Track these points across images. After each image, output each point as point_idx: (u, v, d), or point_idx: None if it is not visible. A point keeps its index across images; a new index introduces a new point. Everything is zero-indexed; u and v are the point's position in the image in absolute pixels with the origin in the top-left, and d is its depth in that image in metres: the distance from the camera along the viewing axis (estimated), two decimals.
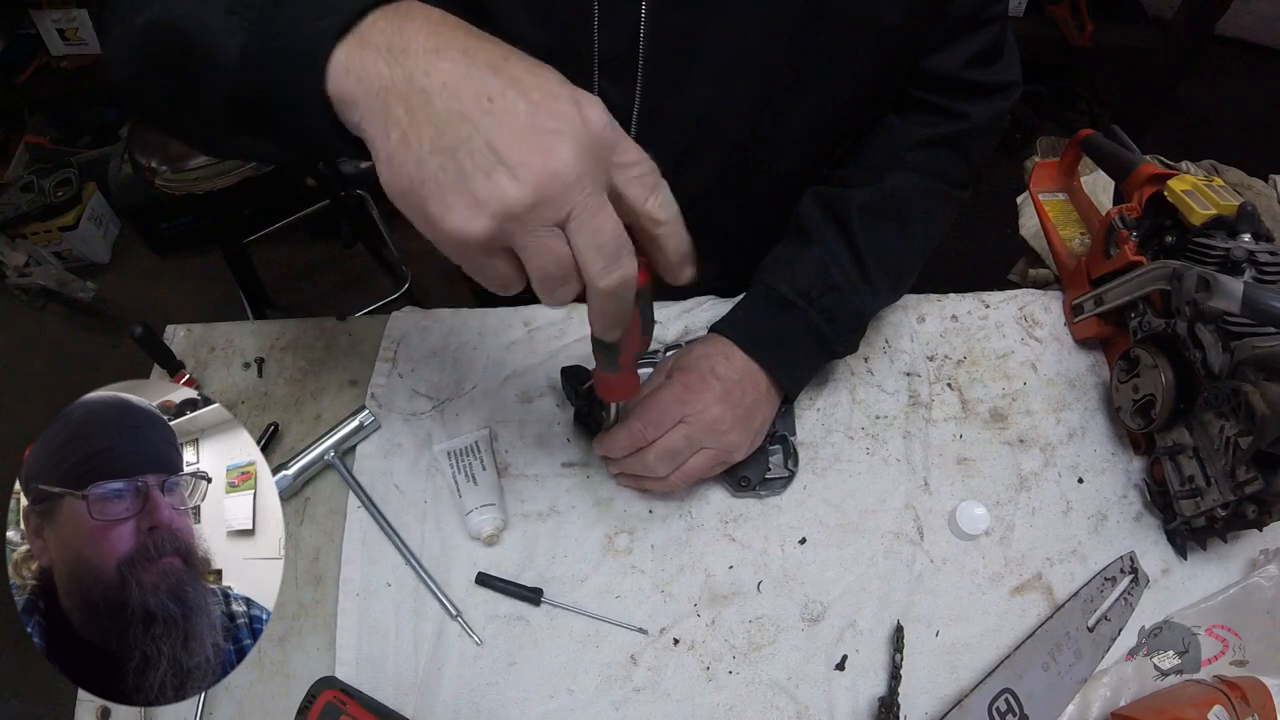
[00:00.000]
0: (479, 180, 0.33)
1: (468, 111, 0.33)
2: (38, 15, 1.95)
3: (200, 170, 1.41)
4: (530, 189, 0.33)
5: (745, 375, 0.62)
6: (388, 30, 0.35)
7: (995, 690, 0.55)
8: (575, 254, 0.35)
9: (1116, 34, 2.08)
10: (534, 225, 0.34)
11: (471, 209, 0.34)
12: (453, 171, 0.33)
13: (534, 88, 0.34)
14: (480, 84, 0.34)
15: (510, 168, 0.33)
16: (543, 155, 0.33)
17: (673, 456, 0.60)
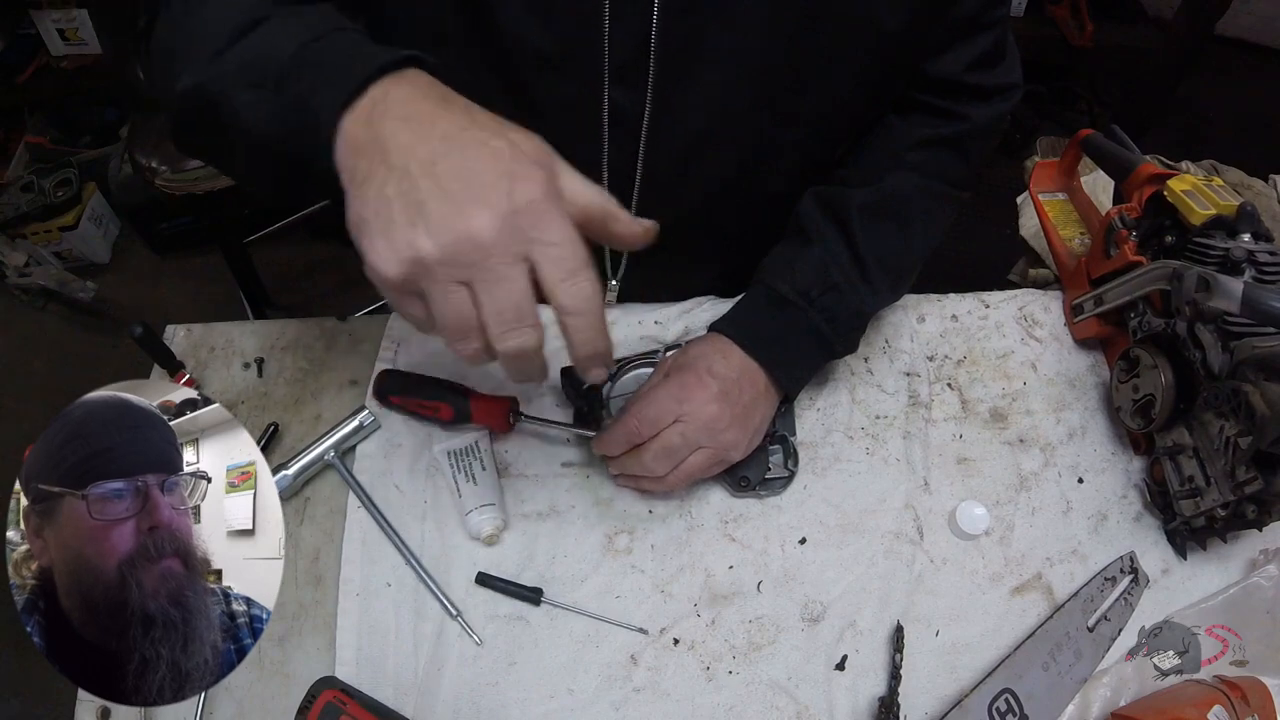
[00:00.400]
0: (401, 229, 0.37)
1: (412, 171, 0.38)
2: (38, 15, 1.95)
3: (200, 170, 1.41)
4: (439, 246, 0.36)
5: (743, 374, 0.62)
6: (376, 98, 0.41)
7: (995, 690, 0.55)
8: (478, 313, 0.38)
9: (1116, 34, 2.09)
10: (440, 279, 0.37)
11: (388, 252, 0.38)
12: (384, 218, 0.38)
13: (477, 157, 0.38)
14: (430, 149, 0.38)
15: (429, 224, 0.37)
16: (461, 218, 0.36)
17: (670, 455, 0.60)
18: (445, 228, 0.36)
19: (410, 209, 0.37)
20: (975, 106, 0.67)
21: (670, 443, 0.59)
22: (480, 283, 0.37)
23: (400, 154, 0.38)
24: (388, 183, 0.38)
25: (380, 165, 0.39)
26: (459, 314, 0.38)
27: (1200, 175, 0.68)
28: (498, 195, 0.37)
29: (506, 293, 0.37)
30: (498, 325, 0.38)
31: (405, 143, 0.39)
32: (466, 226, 0.36)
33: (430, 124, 0.39)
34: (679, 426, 0.59)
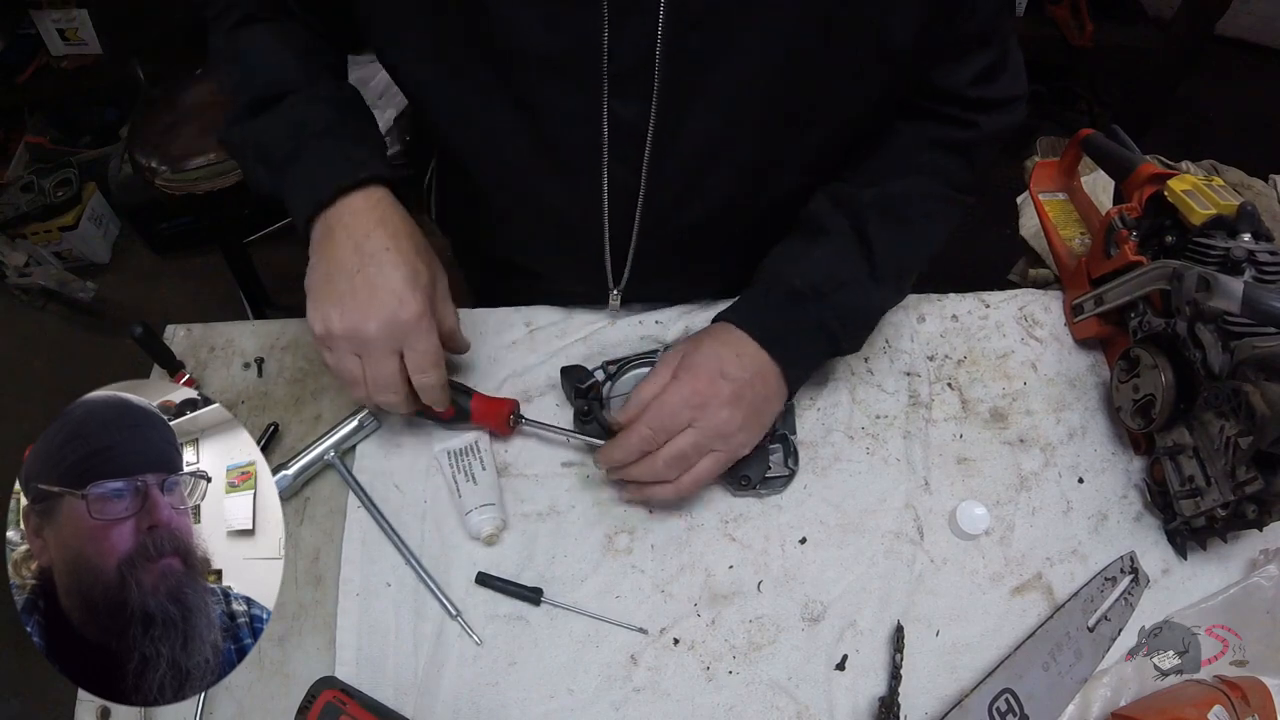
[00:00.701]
0: (325, 306, 0.56)
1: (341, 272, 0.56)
2: (38, 15, 1.95)
3: (200, 170, 1.41)
4: (343, 329, 0.56)
5: (756, 373, 0.61)
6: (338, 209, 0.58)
7: (995, 690, 0.55)
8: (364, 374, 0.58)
9: (1116, 34, 2.09)
10: (340, 348, 0.57)
11: (316, 316, 0.57)
12: (320, 293, 0.57)
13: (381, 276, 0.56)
14: (354, 261, 0.56)
15: (341, 312, 0.56)
16: (360, 317, 0.56)
17: (681, 460, 0.59)
18: (349, 318, 0.56)
19: (334, 296, 0.56)
20: (982, 116, 0.67)
21: (682, 449, 0.59)
22: (366, 358, 0.57)
23: (337, 255, 0.57)
24: (328, 272, 0.57)
25: (326, 257, 0.57)
26: (350, 371, 0.58)
27: (1200, 175, 0.68)
28: (388, 310, 0.55)
29: (380, 370, 0.57)
30: (374, 387, 0.58)
31: (337, 253, 0.57)
32: (362, 324, 0.55)
33: (365, 239, 0.57)
34: (691, 433, 0.59)
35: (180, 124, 1.44)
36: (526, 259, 0.79)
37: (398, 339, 0.56)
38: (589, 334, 0.74)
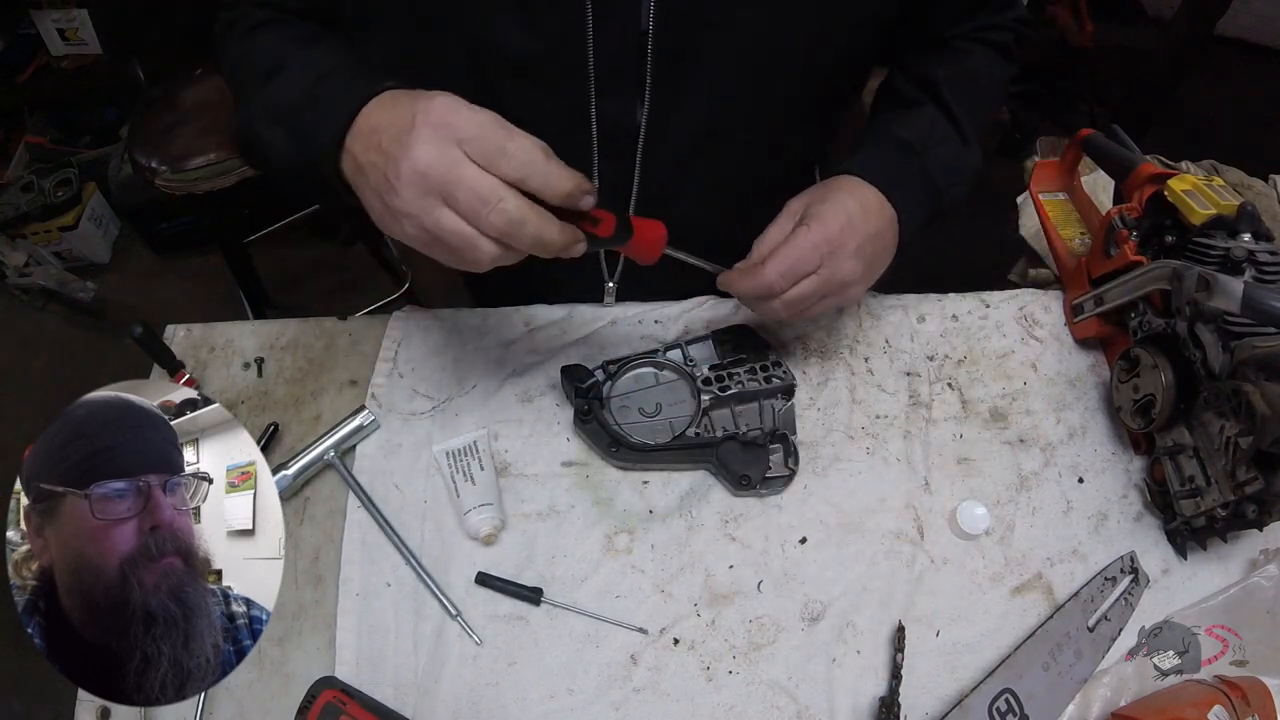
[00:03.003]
0: (388, 200, 0.47)
1: (372, 161, 0.48)
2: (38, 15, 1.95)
3: (200, 170, 1.41)
4: (403, 188, 0.45)
5: (881, 228, 0.62)
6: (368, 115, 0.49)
7: (995, 690, 0.55)
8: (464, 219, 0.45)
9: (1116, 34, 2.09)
10: (425, 213, 0.45)
11: (395, 221, 0.47)
12: (380, 202, 0.48)
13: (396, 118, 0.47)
14: (374, 138, 0.48)
15: (392, 183, 0.46)
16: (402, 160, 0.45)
17: (799, 304, 0.60)
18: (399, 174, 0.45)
19: (381, 183, 0.47)
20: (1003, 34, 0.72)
21: (804, 293, 0.59)
22: (446, 196, 0.45)
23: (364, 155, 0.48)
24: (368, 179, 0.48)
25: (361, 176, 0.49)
26: (450, 230, 0.45)
27: (1200, 175, 0.68)
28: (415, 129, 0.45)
29: (464, 188, 0.44)
30: (475, 218, 0.44)
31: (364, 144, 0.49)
32: (407, 166, 0.45)
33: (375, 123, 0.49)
34: (815, 280, 0.59)
35: (180, 124, 1.44)
36: None
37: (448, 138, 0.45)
38: (589, 334, 0.74)
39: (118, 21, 1.99)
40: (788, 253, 0.58)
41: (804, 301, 0.59)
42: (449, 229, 0.45)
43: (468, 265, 0.47)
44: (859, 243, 0.60)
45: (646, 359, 0.70)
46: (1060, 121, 2.22)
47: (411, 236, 0.47)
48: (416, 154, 0.44)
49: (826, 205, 0.60)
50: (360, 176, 0.49)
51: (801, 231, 0.59)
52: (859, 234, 0.60)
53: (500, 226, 0.44)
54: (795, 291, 0.59)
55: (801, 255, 0.58)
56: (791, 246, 0.59)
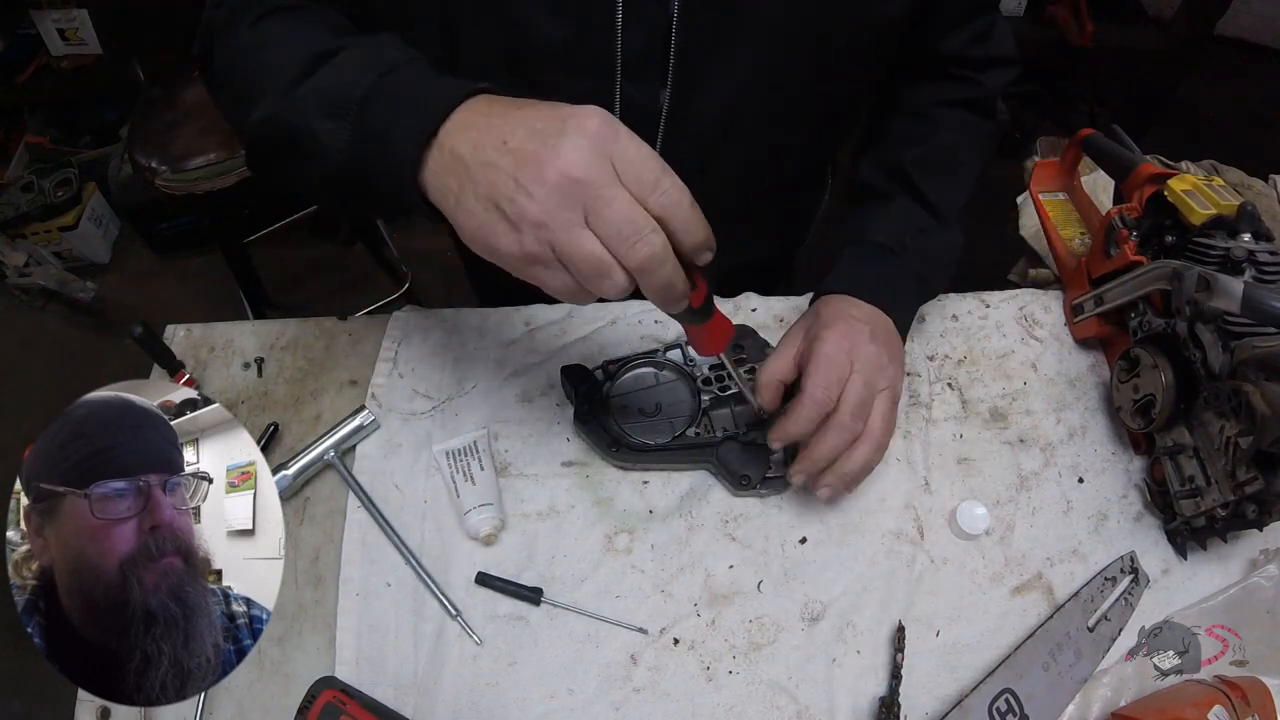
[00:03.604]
0: (509, 207, 0.40)
1: (490, 160, 0.41)
2: (38, 15, 1.95)
3: (200, 170, 1.41)
4: (544, 197, 0.39)
5: (875, 315, 0.64)
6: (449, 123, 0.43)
7: (995, 690, 0.55)
8: (603, 244, 0.40)
9: (1116, 34, 2.08)
10: (560, 228, 0.39)
11: (511, 231, 0.40)
12: (493, 208, 0.41)
13: (535, 118, 0.41)
14: (495, 135, 0.41)
15: (525, 186, 0.39)
16: (547, 165, 0.39)
17: (863, 407, 0.58)
18: (540, 181, 0.39)
19: (505, 187, 0.40)
20: (982, 74, 0.73)
21: (859, 394, 0.58)
22: (592, 212, 0.40)
23: (474, 154, 0.41)
24: (477, 182, 0.41)
25: (464, 176, 0.42)
26: (586, 253, 0.40)
27: (1200, 175, 0.68)
28: (568, 134, 0.39)
29: (616, 210, 0.39)
30: (620, 243, 0.40)
31: (474, 141, 0.42)
32: (557, 168, 0.39)
33: (486, 119, 0.42)
34: (858, 377, 0.58)
35: (180, 124, 1.44)
36: None
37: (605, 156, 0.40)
38: (589, 334, 0.74)
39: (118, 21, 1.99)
40: (820, 366, 0.58)
41: (865, 403, 0.58)
42: (587, 251, 0.40)
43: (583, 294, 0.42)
44: (870, 330, 0.61)
45: (646, 359, 0.70)
46: (1060, 121, 2.21)
47: (524, 253, 0.40)
48: (571, 160, 0.39)
49: (824, 317, 0.62)
50: (454, 178, 0.42)
51: (817, 345, 0.59)
52: (866, 322, 0.62)
53: (642, 261, 0.40)
54: (852, 396, 0.57)
55: (832, 361, 0.58)
56: (818, 361, 0.58)
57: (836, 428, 0.57)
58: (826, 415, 0.58)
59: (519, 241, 0.40)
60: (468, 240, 0.43)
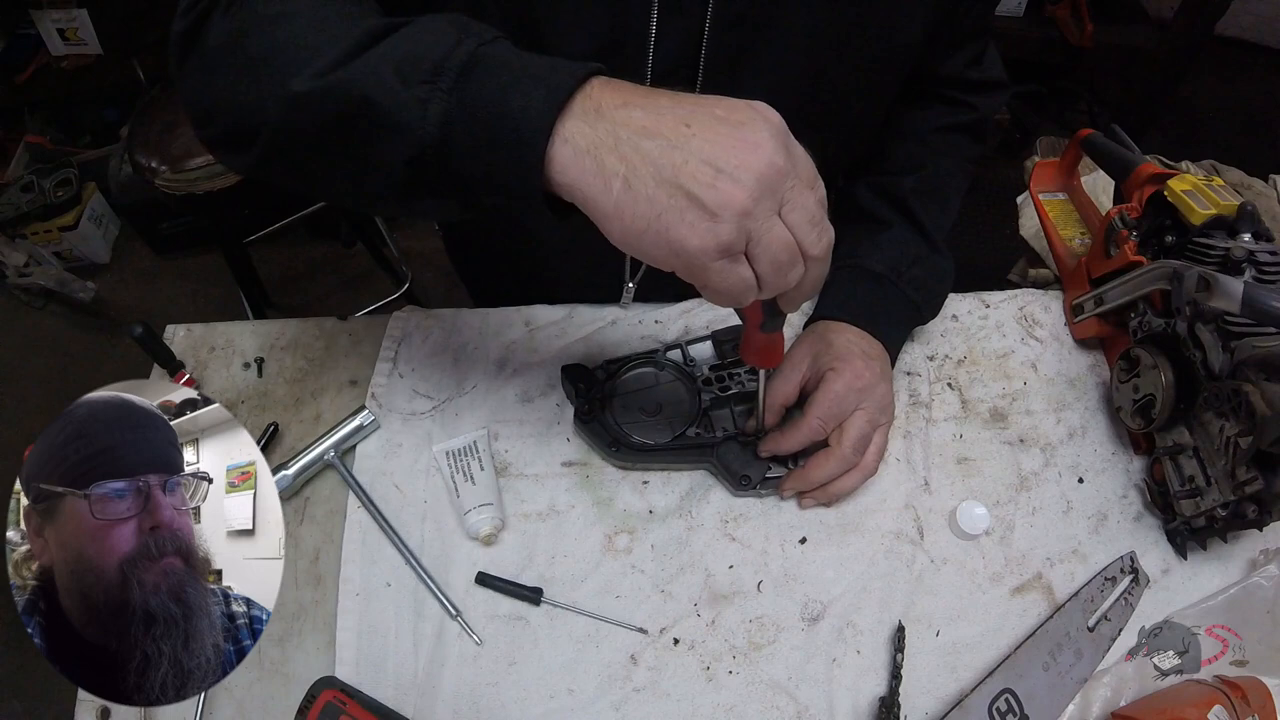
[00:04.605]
0: (708, 194, 0.37)
1: (674, 141, 0.38)
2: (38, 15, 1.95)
3: (200, 170, 1.41)
4: (753, 185, 0.37)
5: (878, 348, 0.67)
6: (581, 99, 0.39)
7: (995, 690, 0.55)
8: (792, 233, 0.39)
9: (1116, 34, 2.09)
10: (762, 217, 0.38)
11: (710, 221, 0.37)
12: (681, 195, 0.37)
13: (715, 104, 0.39)
14: (673, 117, 0.38)
15: (730, 173, 0.37)
16: (754, 153, 0.37)
17: (863, 442, 0.63)
18: (748, 168, 0.37)
19: (701, 172, 0.37)
20: (976, 97, 0.76)
21: (861, 430, 0.62)
22: (789, 202, 0.39)
23: (649, 135, 0.38)
24: (660, 165, 0.38)
25: (634, 157, 0.38)
26: (786, 243, 0.39)
27: (1200, 175, 0.68)
28: (762, 123, 0.38)
29: (808, 197, 0.40)
30: (812, 231, 0.40)
31: (645, 123, 0.38)
32: (763, 157, 0.38)
33: (651, 99, 0.39)
34: (862, 414, 0.62)
35: (180, 124, 1.44)
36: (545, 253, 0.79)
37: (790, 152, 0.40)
38: (589, 334, 0.74)
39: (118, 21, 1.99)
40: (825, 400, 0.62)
41: (865, 439, 0.63)
42: (786, 239, 0.39)
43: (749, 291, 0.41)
44: (880, 367, 0.65)
45: (646, 359, 0.70)
46: (1060, 121, 2.22)
47: (718, 243, 0.38)
48: (771, 149, 0.38)
49: (837, 349, 0.65)
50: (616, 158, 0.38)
51: (831, 378, 0.63)
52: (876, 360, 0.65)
53: (824, 249, 0.41)
54: (854, 433, 0.62)
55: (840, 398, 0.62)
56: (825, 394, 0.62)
57: (837, 459, 0.62)
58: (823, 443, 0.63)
59: (713, 231, 0.37)
60: (627, 228, 0.39)
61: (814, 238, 0.40)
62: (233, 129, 0.48)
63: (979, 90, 0.75)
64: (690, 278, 0.40)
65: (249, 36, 0.47)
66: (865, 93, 0.66)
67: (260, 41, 0.46)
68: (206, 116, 0.50)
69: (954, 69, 0.72)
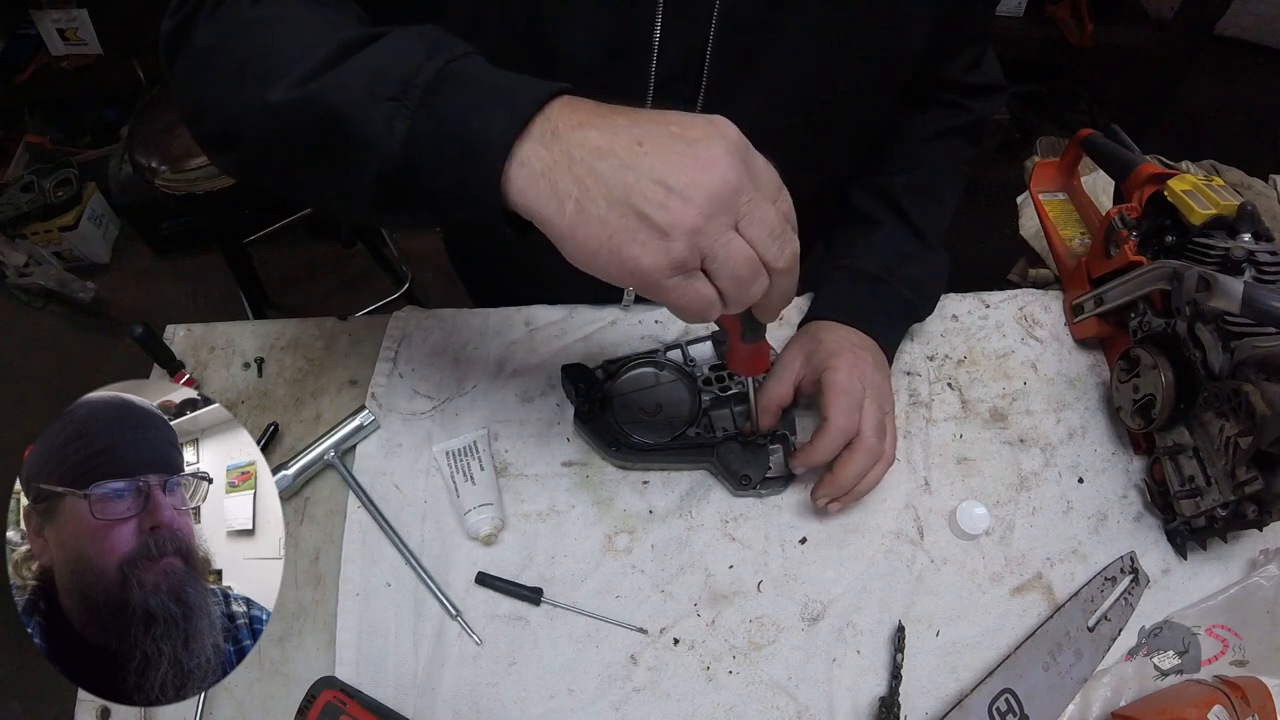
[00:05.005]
0: (659, 213, 0.37)
1: (626, 161, 0.38)
2: (38, 15, 1.95)
3: (200, 170, 1.41)
4: (704, 202, 0.37)
5: (870, 343, 0.66)
6: (540, 120, 0.39)
7: (995, 690, 0.55)
8: (753, 247, 0.39)
9: (1116, 34, 2.09)
10: (716, 234, 0.38)
11: (661, 240, 0.37)
12: (633, 215, 0.38)
13: (670, 121, 0.39)
14: (627, 135, 0.38)
15: (680, 191, 0.37)
16: (706, 170, 0.37)
17: (880, 428, 0.62)
18: (699, 185, 0.37)
19: (651, 191, 0.37)
20: (974, 101, 0.76)
21: (876, 416, 0.61)
22: (746, 216, 0.39)
23: (602, 156, 0.38)
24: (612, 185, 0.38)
25: (586, 178, 0.38)
26: (746, 257, 0.39)
27: (1200, 175, 0.68)
28: (717, 138, 0.38)
29: (767, 210, 0.39)
30: (773, 244, 0.40)
31: (599, 144, 0.38)
32: (716, 174, 0.38)
33: (608, 119, 0.39)
34: (870, 403, 0.62)
35: (180, 124, 1.44)
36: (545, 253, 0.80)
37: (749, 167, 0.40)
38: (589, 334, 0.74)
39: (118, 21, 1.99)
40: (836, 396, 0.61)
41: (882, 424, 0.62)
42: (745, 255, 0.39)
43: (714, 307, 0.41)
44: (872, 357, 0.65)
45: (646, 359, 0.70)
46: (1060, 121, 2.22)
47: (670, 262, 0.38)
48: (725, 165, 0.38)
49: (829, 346, 0.64)
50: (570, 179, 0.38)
51: (832, 373, 0.62)
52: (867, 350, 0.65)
53: (788, 261, 0.41)
54: (870, 420, 0.61)
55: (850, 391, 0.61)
56: (835, 391, 0.61)
57: (863, 451, 0.60)
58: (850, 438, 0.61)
59: (665, 249, 0.38)
60: (581, 248, 0.39)
61: (775, 250, 0.40)
62: (218, 130, 0.49)
63: (978, 94, 0.75)
64: (649, 295, 0.40)
65: (231, 41, 0.47)
66: (867, 97, 0.66)
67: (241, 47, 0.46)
68: (195, 116, 0.50)
69: (954, 73, 0.72)
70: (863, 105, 0.66)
